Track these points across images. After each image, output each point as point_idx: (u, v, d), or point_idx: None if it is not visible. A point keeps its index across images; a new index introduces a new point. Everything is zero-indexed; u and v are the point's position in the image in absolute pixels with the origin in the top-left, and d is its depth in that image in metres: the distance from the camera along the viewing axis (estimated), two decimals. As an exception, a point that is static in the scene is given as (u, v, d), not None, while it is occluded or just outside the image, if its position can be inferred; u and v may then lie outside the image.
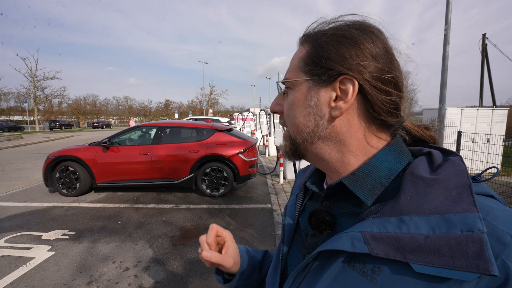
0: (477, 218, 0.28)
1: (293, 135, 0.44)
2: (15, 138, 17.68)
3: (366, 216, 0.36)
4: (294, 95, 0.43)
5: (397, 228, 0.32)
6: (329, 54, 0.39)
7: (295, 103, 0.43)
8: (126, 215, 4.12)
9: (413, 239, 0.30)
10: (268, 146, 10.27)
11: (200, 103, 51.61)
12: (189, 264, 2.78)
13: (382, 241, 0.32)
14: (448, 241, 0.28)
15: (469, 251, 0.27)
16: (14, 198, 4.95)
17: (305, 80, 0.41)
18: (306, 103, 0.41)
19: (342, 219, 0.41)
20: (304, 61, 0.41)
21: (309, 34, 0.43)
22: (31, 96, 32.17)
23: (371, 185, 0.38)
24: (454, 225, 0.29)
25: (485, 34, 10.00)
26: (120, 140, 5.19)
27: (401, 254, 0.30)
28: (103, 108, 58.70)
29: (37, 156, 10.34)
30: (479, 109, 7.21)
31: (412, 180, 0.34)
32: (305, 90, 0.41)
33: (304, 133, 0.42)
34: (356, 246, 0.33)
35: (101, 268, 2.69)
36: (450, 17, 4.06)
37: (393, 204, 0.34)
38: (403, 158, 0.40)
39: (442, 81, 4.27)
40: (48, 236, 3.38)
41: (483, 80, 10.43)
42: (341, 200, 0.42)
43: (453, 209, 0.30)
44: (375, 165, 0.39)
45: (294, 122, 0.43)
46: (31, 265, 2.73)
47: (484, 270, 0.26)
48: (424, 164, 0.37)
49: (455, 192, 0.31)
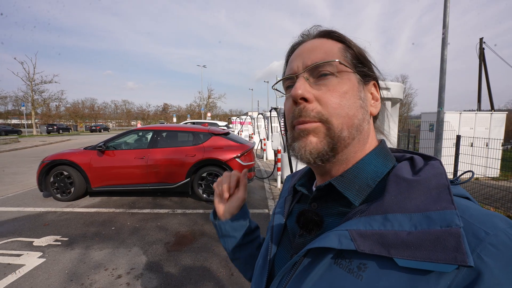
0: (455, 215, 0.30)
1: (339, 127, 0.39)
2: (12, 141, 17.56)
3: (353, 215, 0.37)
4: (345, 83, 0.41)
5: (382, 225, 0.33)
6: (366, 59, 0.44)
7: (350, 92, 0.41)
8: (121, 220, 4.04)
9: (396, 235, 0.31)
10: (266, 150, 10.22)
11: (199, 106, 51.64)
12: (184, 271, 2.70)
13: (368, 238, 0.33)
14: (429, 236, 0.30)
15: (447, 245, 0.28)
16: (7, 203, 4.86)
17: (353, 72, 0.42)
18: (358, 95, 0.42)
19: (329, 219, 0.42)
20: (351, 55, 0.43)
21: (340, 33, 0.45)
22: (28, 100, 32.02)
23: (359, 186, 0.40)
24: (434, 221, 0.30)
25: (483, 39, 10.07)
26: (116, 144, 5.13)
27: (385, 249, 0.31)
28: (101, 112, 58.60)
29: (33, 160, 10.24)
30: (478, 113, 7.21)
31: (396, 181, 0.36)
32: (356, 82, 0.42)
33: (353, 126, 0.41)
34: (343, 243, 0.34)
35: (93, 276, 2.61)
36: (448, 20, 4.06)
37: (378, 204, 0.35)
38: (388, 162, 0.42)
39: (441, 85, 4.26)
40: (40, 242, 3.30)
41: (481, 84, 10.47)
42: (329, 201, 0.43)
43: (433, 207, 0.31)
44: (363, 168, 0.41)
45: (347, 113, 0.40)
46: (20, 272, 2.65)
47: (461, 261, 0.27)
48: (407, 167, 0.39)
49: (435, 192, 0.33)
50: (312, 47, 0.43)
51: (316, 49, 0.43)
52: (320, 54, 0.42)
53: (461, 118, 7.06)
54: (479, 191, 5.45)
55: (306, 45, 0.45)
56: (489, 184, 5.38)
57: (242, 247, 0.66)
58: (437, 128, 4.67)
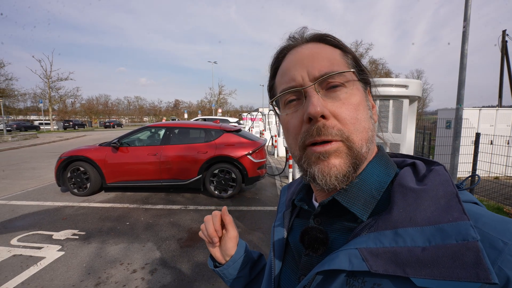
0: (469, 226, 0.28)
1: (359, 144, 0.37)
2: (31, 137, 18.25)
3: (361, 231, 0.35)
4: (356, 95, 0.38)
5: (393, 241, 0.31)
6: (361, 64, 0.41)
7: (362, 103, 0.39)
8: (135, 215, 4.13)
9: (410, 252, 0.29)
10: (277, 146, 10.18)
11: (209, 102, 51.96)
12: (196, 267, 2.74)
13: (380, 257, 0.31)
14: (445, 251, 0.28)
15: (466, 260, 0.26)
16: (28, 197, 5.06)
17: (358, 80, 0.40)
18: (367, 105, 0.40)
19: (335, 235, 0.39)
20: (354, 61, 0.41)
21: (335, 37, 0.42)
22: (46, 97, 33.15)
23: (364, 199, 0.37)
24: (448, 234, 0.28)
25: (506, 31, 9.59)
26: (130, 140, 5.23)
27: (400, 268, 0.29)
28: (114, 108, 59.96)
29: (51, 155, 10.61)
30: (499, 109, 6.90)
31: (401, 192, 0.34)
32: (363, 91, 0.40)
33: (370, 139, 0.38)
34: (354, 264, 0.31)
35: (109, 270, 2.68)
36: (469, 13, 3.86)
37: (386, 217, 0.33)
38: (390, 170, 0.40)
39: (460, 81, 4.08)
40: (59, 236, 3.42)
41: (502, 78, 10.01)
42: (333, 217, 0.40)
43: (444, 218, 0.30)
44: (366, 179, 0.38)
45: (364, 127, 0.37)
46: (41, 265, 2.76)
47: (484, 279, 0.25)
48: (410, 175, 0.37)
49: (444, 201, 0.31)
50: (312, 53, 0.39)
51: (318, 56, 0.39)
52: (324, 62, 0.38)
53: (481, 114, 6.78)
54: (499, 190, 5.24)
55: (301, 50, 0.41)
56: (510, 184, 5.17)
57: (253, 283, 0.63)
58: (456, 126, 4.50)
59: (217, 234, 0.57)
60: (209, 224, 0.58)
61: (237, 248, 0.60)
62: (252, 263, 0.63)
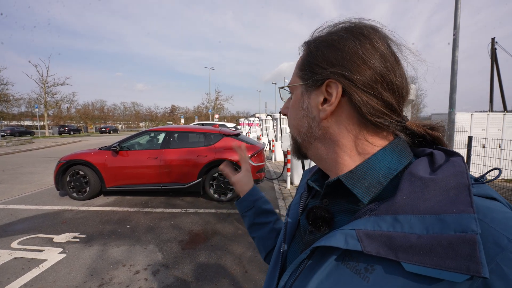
0: (472, 219, 0.28)
1: (294, 135, 0.49)
2: (26, 142, 18.07)
3: (362, 214, 0.36)
4: (292, 99, 0.48)
5: (391, 226, 0.32)
6: (317, 59, 0.41)
7: (293, 106, 0.47)
8: (135, 219, 4.15)
9: (405, 238, 0.30)
10: (275, 151, 10.26)
11: (206, 108, 52.03)
12: (199, 268, 2.78)
13: (375, 239, 0.32)
14: (441, 241, 0.28)
15: (461, 252, 0.27)
16: (26, 201, 5.04)
17: (300, 84, 0.45)
18: (300, 106, 0.45)
19: (339, 216, 0.41)
20: (299, 67, 0.45)
21: (307, 41, 0.45)
22: (41, 102, 32.91)
23: (369, 183, 0.38)
24: (448, 225, 0.28)
25: (494, 38, 9.91)
26: (130, 144, 5.26)
27: (393, 252, 0.30)
28: (110, 114, 59.64)
29: (47, 160, 10.53)
30: (490, 114, 7.10)
31: (410, 179, 0.34)
32: (300, 94, 0.46)
33: (301, 134, 0.46)
34: (349, 243, 0.33)
35: (112, 271, 2.71)
36: (458, 22, 4.05)
37: (389, 203, 0.34)
38: (403, 158, 0.39)
39: (452, 86, 4.24)
40: (60, 239, 3.43)
41: (493, 84, 10.29)
42: (339, 198, 0.43)
43: (449, 209, 0.30)
44: (374, 164, 0.39)
45: (292, 124, 0.48)
46: (43, 267, 2.77)
47: (474, 271, 0.25)
48: (424, 164, 0.37)
49: (453, 192, 0.31)
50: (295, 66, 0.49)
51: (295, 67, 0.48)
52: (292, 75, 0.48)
53: (473, 119, 6.96)
54: (492, 193, 5.36)
55: None
56: (503, 186, 5.29)
57: (255, 227, 0.75)
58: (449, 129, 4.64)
59: None
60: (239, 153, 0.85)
61: (247, 192, 0.78)
62: (258, 211, 0.76)
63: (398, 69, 0.40)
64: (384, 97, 0.38)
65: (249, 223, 0.76)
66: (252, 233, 0.76)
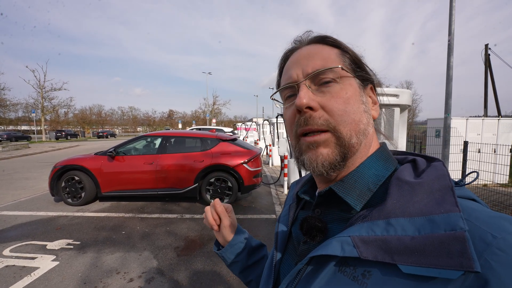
0: (459, 218, 0.29)
1: (348, 135, 0.39)
2: (22, 147, 17.93)
3: (355, 221, 0.36)
4: (347, 89, 0.41)
5: (384, 230, 0.32)
6: (362, 62, 0.45)
7: (353, 97, 0.41)
8: (131, 225, 4.10)
9: (400, 241, 0.30)
10: (272, 156, 10.26)
11: (204, 113, 52.08)
12: (194, 275, 2.74)
13: (370, 244, 0.32)
14: (433, 240, 0.29)
15: (452, 249, 0.27)
16: (20, 207, 4.98)
17: (353, 77, 0.43)
18: (361, 99, 0.42)
19: (333, 225, 0.41)
20: (349, 59, 0.43)
21: (334, 38, 0.45)
22: (38, 107, 32.74)
23: (360, 191, 0.39)
24: (438, 225, 0.29)
25: (488, 45, 10.06)
26: (126, 149, 5.23)
27: (389, 256, 0.30)
28: (108, 118, 59.48)
29: (43, 165, 10.44)
30: (485, 119, 7.17)
31: (398, 184, 0.36)
32: (357, 87, 0.42)
33: (361, 131, 0.40)
34: (345, 250, 0.33)
35: (105, 279, 2.66)
36: (453, 28, 4.11)
37: (381, 208, 0.34)
38: (389, 165, 0.41)
39: (447, 92, 4.28)
40: (53, 245, 3.38)
41: (487, 90, 10.42)
42: (331, 207, 0.42)
43: (436, 210, 0.30)
44: (363, 172, 0.40)
45: (353, 119, 0.40)
46: (35, 275, 2.72)
47: (467, 267, 0.26)
48: (409, 170, 0.38)
49: (438, 194, 0.32)
50: (309, 53, 0.43)
51: (314, 55, 0.42)
52: (319, 60, 0.41)
53: (468, 124, 7.03)
54: (488, 197, 5.39)
55: (301, 51, 0.45)
56: (498, 191, 5.32)
57: (251, 268, 0.68)
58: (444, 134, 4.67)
59: (215, 223, 0.65)
60: (208, 214, 0.66)
61: (234, 235, 0.67)
62: (250, 250, 0.68)
63: None
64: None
65: (241, 267, 0.68)
66: (248, 276, 0.68)
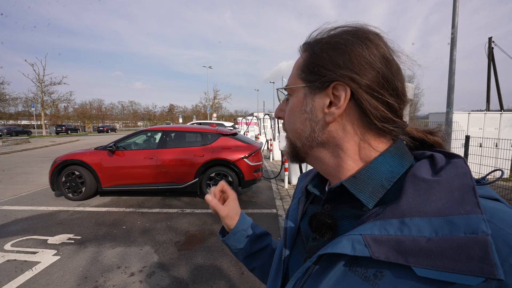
0: (481, 220, 0.27)
1: (292, 140, 0.46)
2: (23, 142, 17.93)
3: (367, 218, 0.35)
4: (292, 101, 0.45)
5: (398, 230, 0.31)
6: (322, 61, 0.40)
7: (293, 109, 0.44)
8: (131, 219, 4.11)
9: (415, 242, 0.29)
10: (273, 150, 10.24)
11: (204, 107, 51.92)
12: (195, 270, 2.75)
13: (383, 244, 0.31)
14: (451, 243, 0.27)
15: (473, 254, 0.26)
16: (21, 202, 4.99)
17: (302, 86, 0.43)
18: (303, 109, 0.43)
19: (343, 222, 0.40)
20: (301, 68, 0.43)
21: (308, 42, 0.44)
22: (38, 101, 32.65)
23: (373, 187, 0.38)
24: (458, 227, 0.28)
25: (492, 38, 9.92)
26: (126, 144, 5.22)
27: (402, 257, 0.29)
28: (108, 113, 59.39)
29: (44, 160, 10.45)
30: (487, 113, 7.11)
31: (413, 182, 0.34)
32: (302, 97, 0.43)
33: (302, 138, 0.43)
34: (356, 249, 0.32)
35: (106, 274, 2.67)
36: (457, 20, 4.03)
37: (395, 206, 0.33)
38: (405, 161, 0.40)
39: (450, 85, 4.23)
40: (54, 240, 3.39)
41: (489, 84, 10.31)
42: (342, 203, 0.42)
43: (456, 210, 0.29)
44: (377, 168, 0.39)
45: (292, 128, 0.45)
46: (36, 269, 2.73)
47: (489, 274, 0.25)
48: (426, 166, 0.37)
49: (458, 193, 0.30)
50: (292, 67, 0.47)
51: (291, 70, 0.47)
52: (289, 76, 0.46)
53: (470, 118, 6.97)
54: (489, 192, 5.37)
55: None
56: (500, 185, 5.30)
57: (254, 256, 0.68)
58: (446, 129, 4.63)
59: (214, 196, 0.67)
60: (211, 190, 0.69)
61: (237, 223, 0.67)
62: (253, 238, 0.68)
63: (400, 75, 0.40)
64: (390, 102, 0.38)
65: (245, 255, 0.68)
66: (251, 264, 0.68)
